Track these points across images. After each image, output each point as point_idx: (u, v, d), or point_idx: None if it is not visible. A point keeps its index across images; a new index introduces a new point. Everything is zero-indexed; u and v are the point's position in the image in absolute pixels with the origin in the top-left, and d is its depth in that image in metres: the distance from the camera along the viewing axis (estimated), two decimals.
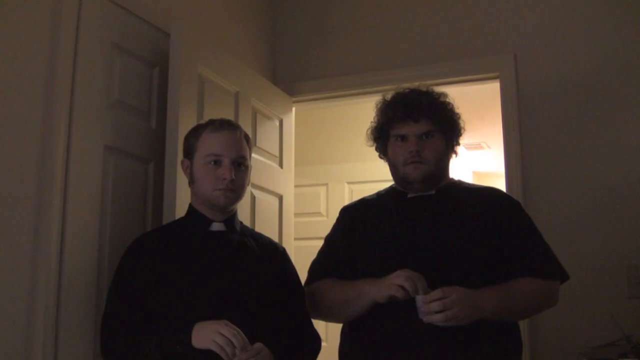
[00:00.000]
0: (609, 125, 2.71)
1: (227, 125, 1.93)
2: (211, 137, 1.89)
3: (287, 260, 2.04)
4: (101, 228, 2.13)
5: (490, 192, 1.97)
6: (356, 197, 2.57)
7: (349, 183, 4.23)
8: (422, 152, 1.87)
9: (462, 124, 1.98)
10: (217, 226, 1.91)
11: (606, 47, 2.76)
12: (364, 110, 4.17)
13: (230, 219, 1.94)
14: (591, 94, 2.76)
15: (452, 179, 2.00)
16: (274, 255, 2.00)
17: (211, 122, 1.94)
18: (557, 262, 1.86)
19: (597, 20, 2.81)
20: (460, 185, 2.01)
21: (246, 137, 1.97)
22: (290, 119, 3.27)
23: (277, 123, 3.12)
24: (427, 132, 1.88)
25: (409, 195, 1.94)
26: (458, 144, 2.00)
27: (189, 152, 1.94)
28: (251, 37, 3.25)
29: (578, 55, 2.80)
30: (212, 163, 1.87)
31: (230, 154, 1.87)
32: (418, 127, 1.88)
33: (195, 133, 1.94)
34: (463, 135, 1.99)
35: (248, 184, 1.97)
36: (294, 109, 3.31)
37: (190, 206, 1.96)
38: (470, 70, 3.02)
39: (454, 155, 2.01)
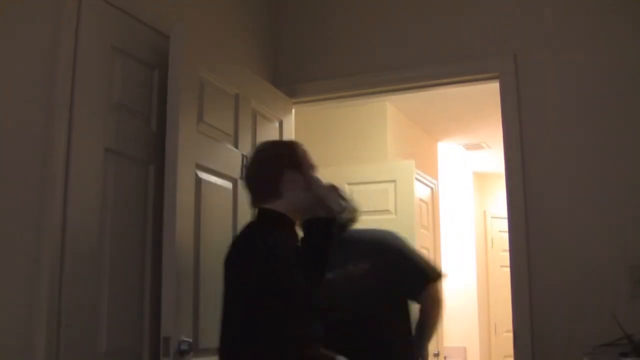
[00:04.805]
0: (609, 125, 2.70)
1: None
2: None
3: None
4: (101, 230, 2.13)
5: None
6: (357, 199, 2.59)
7: (349, 184, 4.20)
8: None
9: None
10: None
11: (606, 46, 2.76)
12: (363, 112, 4.20)
13: None
14: (591, 93, 2.76)
15: None
16: None
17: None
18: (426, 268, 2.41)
19: (597, 20, 2.81)
20: None
21: None
22: (290, 121, 3.26)
23: (277, 125, 3.12)
24: None
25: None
26: None
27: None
28: (251, 39, 3.25)
29: (578, 55, 2.80)
30: None
31: None
32: None
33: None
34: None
35: None
36: (293, 110, 3.31)
37: None
38: (470, 70, 3.02)
39: None
